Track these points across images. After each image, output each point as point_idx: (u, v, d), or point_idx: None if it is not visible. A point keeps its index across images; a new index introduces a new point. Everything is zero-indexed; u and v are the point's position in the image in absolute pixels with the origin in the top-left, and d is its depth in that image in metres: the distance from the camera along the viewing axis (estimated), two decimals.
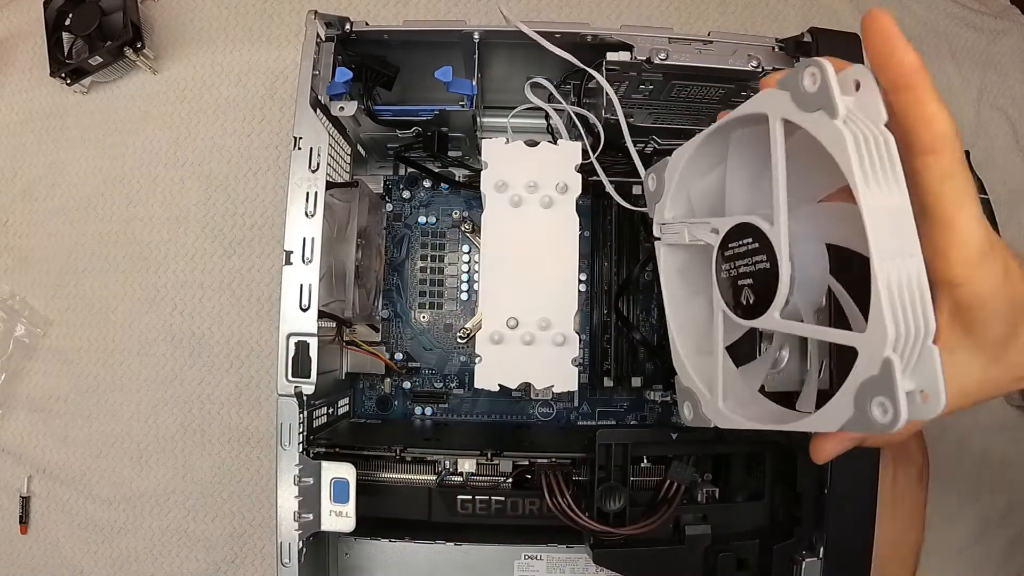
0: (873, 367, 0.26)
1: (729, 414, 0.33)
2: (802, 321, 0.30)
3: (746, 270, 0.32)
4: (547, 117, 0.50)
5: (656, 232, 0.38)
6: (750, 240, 0.31)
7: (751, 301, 0.31)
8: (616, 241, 0.50)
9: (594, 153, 0.45)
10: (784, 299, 0.30)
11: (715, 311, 0.33)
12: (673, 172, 0.36)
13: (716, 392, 0.34)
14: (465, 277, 0.55)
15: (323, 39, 0.44)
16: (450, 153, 0.52)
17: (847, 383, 0.27)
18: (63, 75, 0.63)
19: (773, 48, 0.44)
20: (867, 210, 0.25)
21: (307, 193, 0.40)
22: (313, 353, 0.39)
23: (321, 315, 0.40)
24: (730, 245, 0.32)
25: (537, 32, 0.42)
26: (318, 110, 0.42)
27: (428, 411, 0.54)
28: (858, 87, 0.27)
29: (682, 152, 0.36)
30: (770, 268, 0.30)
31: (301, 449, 0.40)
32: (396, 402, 0.54)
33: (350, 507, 0.39)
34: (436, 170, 0.54)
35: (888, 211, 0.26)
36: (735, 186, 0.34)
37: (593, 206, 0.52)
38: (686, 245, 0.36)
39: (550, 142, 0.42)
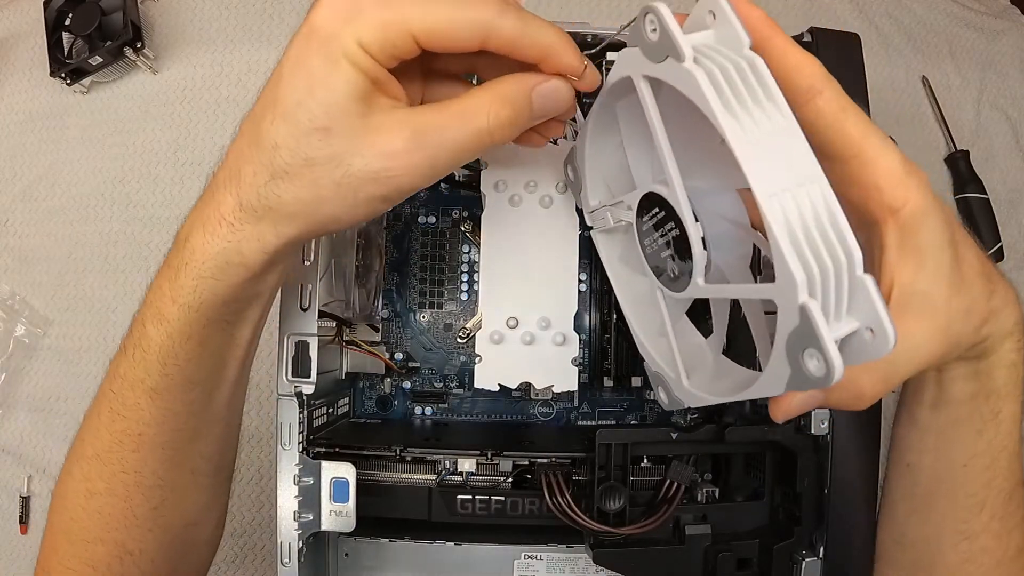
0: (793, 317, 0.22)
1: (696, 392, 0.31)
2: (729, 282, 0.29)
3: (663, 241, 0.30)
4: None
5: (588, 221, 0.37)
6: (657, 210, 0.30)
7: (676, 272, 0.30)
8: None
9: None
10: (703, 262, 0.28)
11: (653, 289, 0.32)
12: (582, 158, 0.35)
13: (679, 371, 0.32)
14: (465, 277, 0.54)
15: None
16: None
17: (776, 340, 0.24)
18: (63, 75, 0.63)
19: None
20: (736, 144, 0.22)
21: None
22: (313, 353, 0.39)
23: (321, 315, 0.40)
24: (644, 219, 0.31)
25: None
26: None
27: (428, 411, 0.54)
28: (714, 18, 0.25)
29: (582, 136, 0.34)
30: (680, 233, 0.28)
31: (301, 449, 0.40)
32: (396, 402, 0.54)
33: (350, 507, 0.39)
34: None
35: (770, 137, 0.23)
36: (635, 158, 0.32)
37: None
38: (622, 230, 0.35)
39: (550, 142, 0.42)
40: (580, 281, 0.44)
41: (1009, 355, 0.32)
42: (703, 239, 0.28)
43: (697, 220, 0.27)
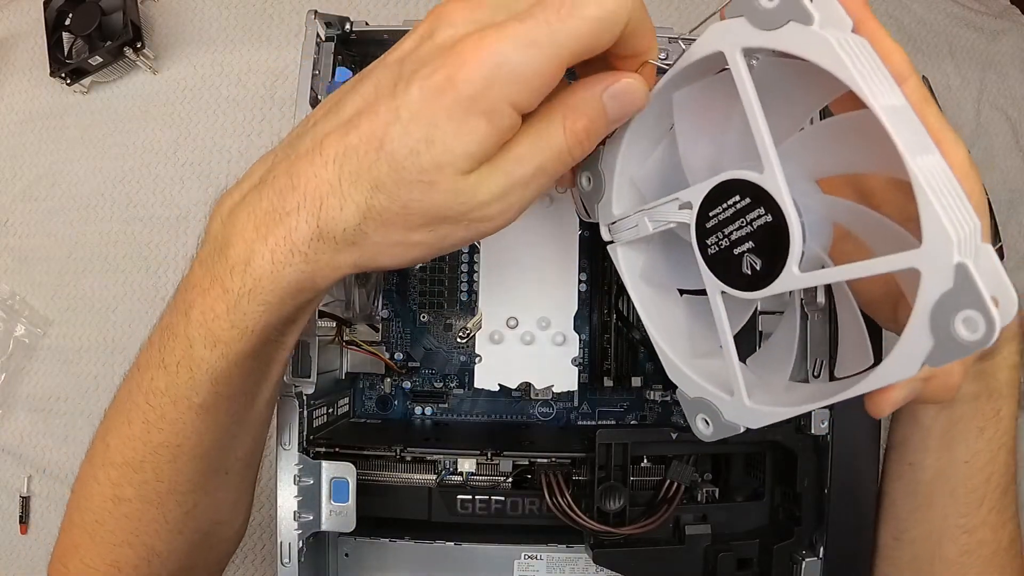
0: (945, 281, 0.22)
1: (763, 408, 0.28)
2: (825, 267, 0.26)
3: (741, 234, 0.27)
4: None
5: (606, 235, 0.33)
6: (737, 199, 0.27)
7: (757, 267, 0.27)
8: None
9: None
10: (800, 248, 0.26)
11: (712, 297, 0.29)
12: (612, 161, 0.32)
13: (739, 390, 0.29)
14: (465, 277, 0.55)
15: (323, 39, 0.44)
16: None
17: (916, 313, 0.23)
18: (63, 75, 0.63)
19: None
20: (882, 110, 0.22)
21: None
22: (313, 353, 0.39)
23: (321, 315, 0.40)
24: (711, 214, 0.28)
25: None
26: None
27: (428, 411, 0.54)
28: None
29: (617, 137, 0.31)
30: (772, 220, 0.26)
31: (301, 449, 0.40)
32: (396, 402, 0.54)
33: (350, 507, 0.39)
34: None
35: (895, 111, 0.23)
36: (692, 153, 0.30)
37: None
38: (644, 243, 0.32)
39: None
40: (580, 281, 0.44)
41: (1012, 356, 0.33)
42: (802, 223, 0.26)
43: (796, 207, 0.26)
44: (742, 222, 0.27)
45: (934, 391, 0.27)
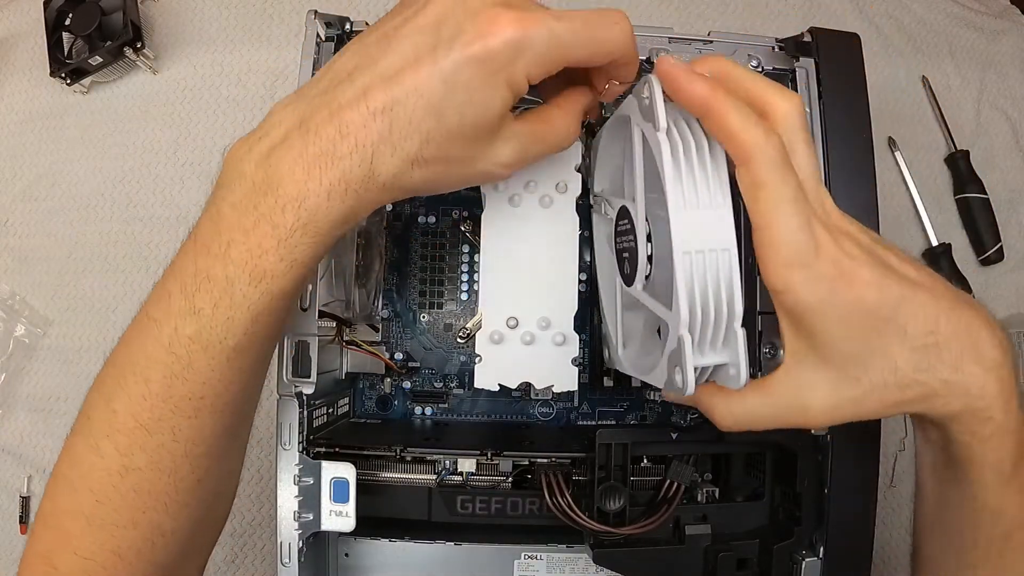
0: (675, 341, 0.30)
1: (623, 360, 0.40)
2: (657, 297, 0.34)
3: (625, 245, 0.37)
4: None
5: (591, 200, 0.43)
6: (625, 221, 0.36)
7: (627, 271, 0.37)
8: None
9: None
10: (645, 273, 0.35)
11: (612, 277, 0.40)
12: (596, 151, 0.41)
13: (618, 340, 0.41)
14: (465, 277, 0.54)
15: (323, 39, 0.44)
16: None
17: (665, 351, 0.32)
18: (63, 75, 0.63)
19: (773, 48, 0.44)
20: (673, 212, 0.29)
21: None
22: (313, 353, 0.39)
23: (321, 315, 0.40)
24: (620, 222, 0.38)
25: None
26: None
27: (428, 411, 0.54)
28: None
29: (599, 134, 0.40)
30: (635, 247, 0.35)
31: (301, 449, 0.40)
32: (396, 402, 0.54)
33: (350, 507, 0.39)
34: None
35: (703, 209, 0.30)
36: (628, 173, 0.37)
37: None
38: (606, 218, 0.41)
39: None
40: (580, 281, 0.44)
41: (960, 436, 0.33)
42: (649, 256, 0.34)
43: (650, 241, 0.34)
44: (627, 238, 0.37)
45: (705, 409, 0.34)
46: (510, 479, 0.45)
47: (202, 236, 0.30)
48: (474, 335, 0.42)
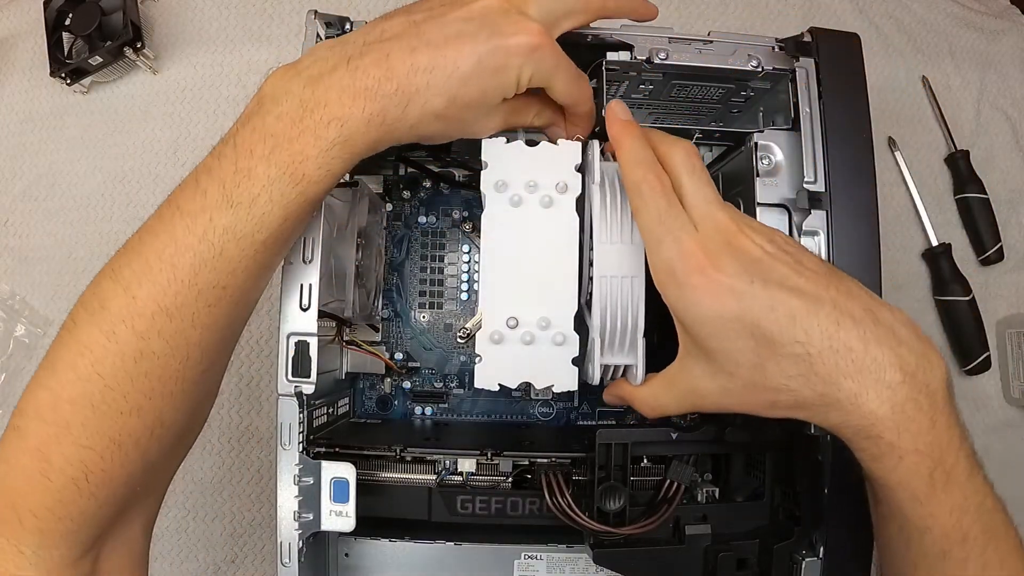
0: (590, 343, 0.39)
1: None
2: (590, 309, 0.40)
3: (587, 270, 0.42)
4: None
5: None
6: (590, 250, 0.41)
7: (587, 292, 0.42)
8: None
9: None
10: (588, 290, 0.41)
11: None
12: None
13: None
14: (465, 277, 0.55)
15: (323, 39, 0.44)
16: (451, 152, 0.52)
17: (588, 350, 0.39)
18: (63, 75, 0.63)
19: (773, 48, 0.44)
20: (597, 244, 0.38)
21: None
22: (313, 353, 0.39)
23: (321, 315, 0.40)
24: (586, 250, 0.42)
25: None
26: None
27: (428, 411, 0.54)
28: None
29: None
30: (588, 270, 0.42)
31: (301, 449, 0.40)
32: (396, 402, 0.54)
33: (350, 507, 0.39)
34: (436, 170, 0.54)
35: (622, 245, 0.38)
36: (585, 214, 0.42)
37: None
38: None
39: (551, 142, 0.42)
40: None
41: (857, 453, 0.34)
42: (591, 278, 0.40)
43: (591, 265, 0.40)
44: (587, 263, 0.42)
45: (634, 403, 0.40)
46: (510, 479, 0.45)
47: (243, 142, 0.34)
48: (474, 335, 0.42)
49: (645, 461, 0.44)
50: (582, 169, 0.40)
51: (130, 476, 0.34)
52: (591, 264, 0.40)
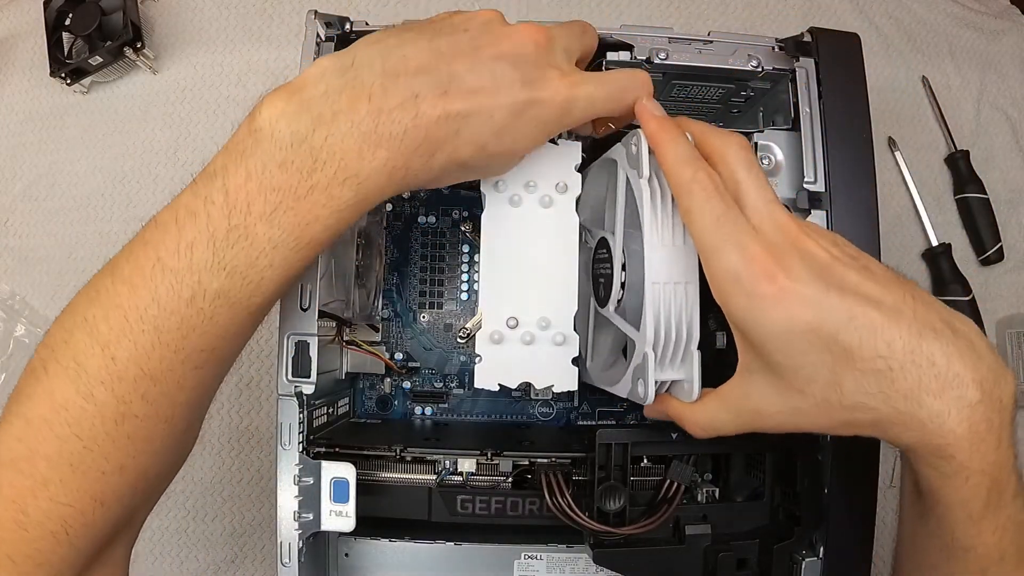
0: (639, 357, 0.36)
1: (590, 371, 0.44)
2: (627, 319, 0.39)
3: (601, 271, 0.42)
4: None
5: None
6: (604, 251, 0.41)
7: (602, 295, 0.41)
8: None
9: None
10: (617, 298, 0.39)
11: (588, 296, 0.44)
12: (583, 183, 0.41)
13: (587, 354, 0.45)
14: (465, 277, 0.55)
15: (323, 39, 0.44)
16: None
17: (630, 366, 0.37)
18: (63, 75, 0.63)
19: (773, 48, 0.44)
20: (648, 248, 0.35)
21: None
22: (313, 353, 0.39)
23: (321, 315, 0.40)
24: (599, 251, 0.42)
25: None
26: None
27: (428, 411, 0.54)
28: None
29: (587, 172, 0.42)
30: (611, 273, 0.40)
31: (301, 449, 0.40)
32: (396, 402, 0.54)
33: (350, 507, 0.39)
34: None
35: (673, 248, 0.35)
36: (610, 206, 0.40)
37: None
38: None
39: (551, 141, 0.42)
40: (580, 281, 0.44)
41: (922, 469, 0.32)
42: (623, 283, 0.39)
43: (624, 270, 0.39)
44: (604, 265, 0.41)
45: (678, 419, 0.37)
46: (510, 479, 0.45)
47: (237, 190, 0.30)
48: (474, 335, 0.42)
49: (645, 461, 0.44)
50: (624, 160, 0.37)
51: (113, 526, 0.33)
52: (624, 268, 0.39)
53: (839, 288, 0.30)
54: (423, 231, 0.55)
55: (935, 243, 0.64)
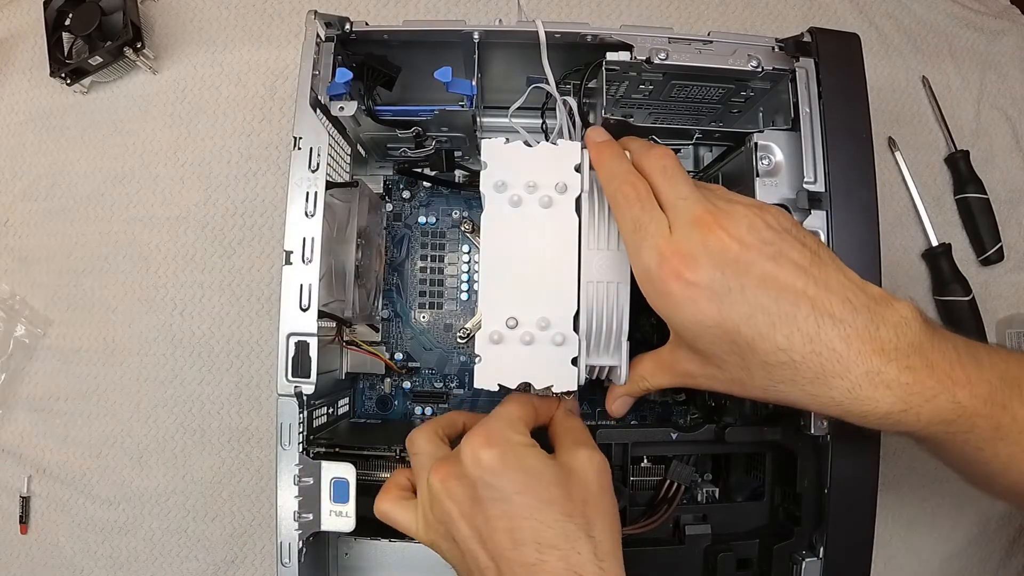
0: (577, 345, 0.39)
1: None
2: None
3: None
4: (543, 115, 0.50)
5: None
6: None
7: None
8: None
9: None
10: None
11: None
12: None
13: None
14: (465, 277, 0.55)
15: (323, 39, 0.44)
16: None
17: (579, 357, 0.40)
18: (63, 75, 0.63)
19: (773, 48, 0.44)
20: (584, 251, 0.39)
21: (307, 193, 0.40)
22: (313, 353, 0.39)
23: (321, 315, 0.40)
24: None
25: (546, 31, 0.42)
26: (318, 110, 0.42)
27: (428, 411, 0.54)
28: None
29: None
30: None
31: (301, 449, 0.40)
32: (396, 402, 0.54)
33: (350, 507, 0.39)
34: (436, 173, 0.54)
35: (607, 251, 0.39)
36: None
37: None
38: None
39: (551, 142, 0.42)
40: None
41: (888, 429, 0.34)
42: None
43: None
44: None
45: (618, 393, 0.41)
46: None
47: None
48: (474, 335, 0.42)
49: (645, 461, 0.44)
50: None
51: None
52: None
53: (741, 284, 0.32)
54: (423, 231, 0.55)
55: (935, 243, 0.64)
